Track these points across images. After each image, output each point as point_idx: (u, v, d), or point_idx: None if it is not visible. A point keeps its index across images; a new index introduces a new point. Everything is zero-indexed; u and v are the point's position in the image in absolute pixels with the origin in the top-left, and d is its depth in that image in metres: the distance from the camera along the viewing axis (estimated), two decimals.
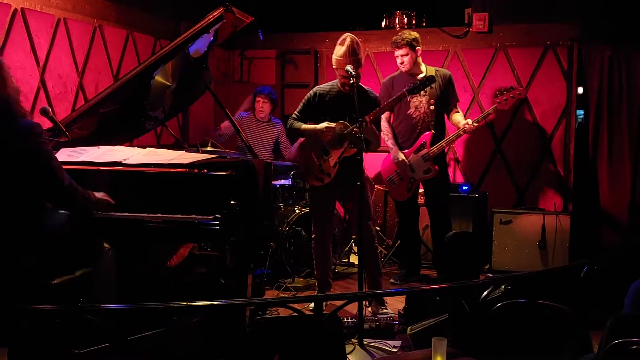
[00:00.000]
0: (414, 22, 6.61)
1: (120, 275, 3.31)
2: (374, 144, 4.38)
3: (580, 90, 6.06)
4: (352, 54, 4.30)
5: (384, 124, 5.27)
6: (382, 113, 4.73)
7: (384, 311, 4.41)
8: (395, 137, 5.31)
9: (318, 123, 4.45)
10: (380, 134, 4.61)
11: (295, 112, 4.66)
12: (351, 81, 4.18)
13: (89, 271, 3.07)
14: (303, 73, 7.07)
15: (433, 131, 5.15)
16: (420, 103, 5.18)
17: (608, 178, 5.90)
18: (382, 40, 6.60)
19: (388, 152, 5.36)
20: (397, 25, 6.58)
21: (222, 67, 7.17)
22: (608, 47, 5.83)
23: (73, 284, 2.95)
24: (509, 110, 6.19)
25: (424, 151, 5.13)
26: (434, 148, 5.10)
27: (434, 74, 4.92)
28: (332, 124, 4.38)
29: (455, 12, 6.43)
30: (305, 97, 4.66)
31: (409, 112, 5.20)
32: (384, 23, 6.70)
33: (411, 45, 5.12)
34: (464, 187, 5.95)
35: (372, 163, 5.86)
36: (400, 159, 5.19)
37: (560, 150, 6.10)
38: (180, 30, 6.14)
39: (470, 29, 6.29)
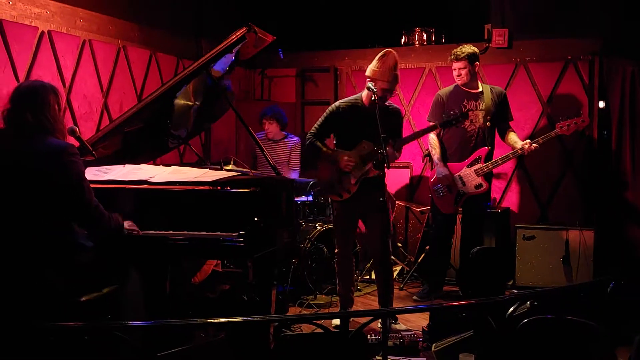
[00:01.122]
0: (433, 38, 6.64)
1: (146, 293, 3.34)
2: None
3: (601, 104, 6.03)
4: (394, 69, 4.33)
5: (432, 136, 5.27)
6: (410, 141, 4.71)
7: (396, 327, 4.39)
8: (443, 151, 5.28)
9: (339, 137, 4.46)
10: (395, 153, 4.60)
11: (315, 126, 4.65)
12: (372, 98, 4.19)
13: (116, 288, 3.11)
14: (323, 90, 7.12)
15: (489, 147, 5.15)
16: (476, 117, 5.17)
17: (632, 192, 5.85)
18: (401, 57, 6.57)
19: (406, 167, 5.37)
20: (417, 42, 6.61)
21: (243, 86, 7.25)
22: (630, 61, 5.80)
23: (100, 301, 2.99)
24: (530, 125, 6.20)
25: (478, 166, 5.11)
26: (489, 164, 5.10)
27: (489, 91, 4.98)
28: (352, 158, 4.39)
29: (474, 28, 6.44)
30: (327, 111, 4.66)
31: (464, 125, 5.17)
32: (403, 40, 6.73)
33: (470, 59, 5.14)
34: (487, 203, 5.92)
35: (393, 179, 5.87)
36: (444, 174, 5.15)
37: (583, 165, 6.06)
38: (201, 48, 6.24)
39: (490, 45, 6.29)
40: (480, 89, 5.23)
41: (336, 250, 4.65)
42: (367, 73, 4.38)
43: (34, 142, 3.01)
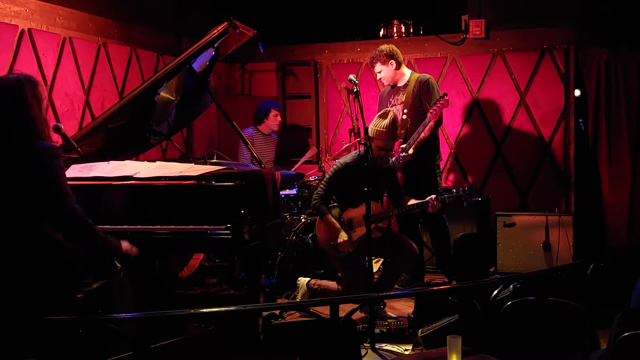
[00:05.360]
0: (411, 30, 6.70)
1: (134, 287, 3.36)
2: None
3: (577, 93, 6.14)
4: (391, 128, 4.35)
5: None
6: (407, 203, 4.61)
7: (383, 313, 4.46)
8: None
9: (346, 194, 4.50)
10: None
11: (322, 187, 4.56)
12: (373, 154, 4.20)
13: (105, 284, 3.11)
14: (303, 84, 7.16)
15: (401, 141, 5.05)
16: (397, 111, 5.08)
17: (609, 179, 5.97)
18: None
19: None
20: (395, 35, 6.66)
21: (224, 81, 7.26)
22: (604, 49, 5.91)
23: (90, 297, 3.00)
24: (508, 114, 6.30)
25: (394, 158, 5.07)
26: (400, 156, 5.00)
27: (413, 81, 5.03)
28: (350, 244, 4.43)
29: (452, 19, 6.52)
30: (333, 171, 4.56)
31: None
32: (381, 32, 6.78)
33: (382, 59, 5.11)
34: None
35: None
36: None
37: (561, 152, 6.17)
38: (181, 44, 6.24)
39: (468, 36, 6.38)
40: (405, 82, 5.17)
41: (340, 289, 4.60)
42: (369, 131, 4.29)
43: (15, 146, 2.86)
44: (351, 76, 4.28)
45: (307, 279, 4.82)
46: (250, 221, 3.49)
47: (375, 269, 5.19)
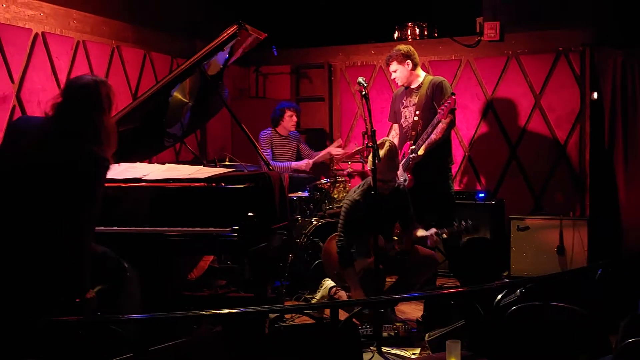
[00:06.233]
0: (425, 32, 6.67)
1: (143, 290, 3.38)
2: None
3: (595, 95, 6.06)
4: (388, 159, 4.28)
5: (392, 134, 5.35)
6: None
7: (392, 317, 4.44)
8: None
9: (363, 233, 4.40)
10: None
11: (340, 227, 4.50)
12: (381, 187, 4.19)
13: (105, 288, 3.10)
14: (317, 87, 7.17)
15: (411, 142, 5.02)
16: (409, 113, 5.10)
17: (625, 182, 5.89)
18: None
19: None
20: (410, 37, 6.64)
21: (239, 84, 7.29)
22: (620, 51, 5.84)
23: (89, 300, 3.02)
24: (522, 117, 6.25)
25: (403, 160, 5.01)
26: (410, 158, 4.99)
27: (427, 83, 4.98)
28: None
29: (466, 21, 6.48)
30: (344, 209, 4.49)
31: (400, 121, 5.22)
32: (396, 35, 6.76)
33: (398, 59, 5.07)
34: (481, 195, 5.97)
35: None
36: None
37: (576, 156, 6.11)
38: (195, 47, 6.28)
39: (482, 38, 6.34)
40: (419, 84, 5.13)
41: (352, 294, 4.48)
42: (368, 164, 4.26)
43: (71, 145, 2.86)
44: (360, 79, 4.26)
45: (332, 284, 4.69)
46: (257, 223, 3.49)
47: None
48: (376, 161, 4.03)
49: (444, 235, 4.38)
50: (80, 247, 2.92)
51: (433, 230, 4.42)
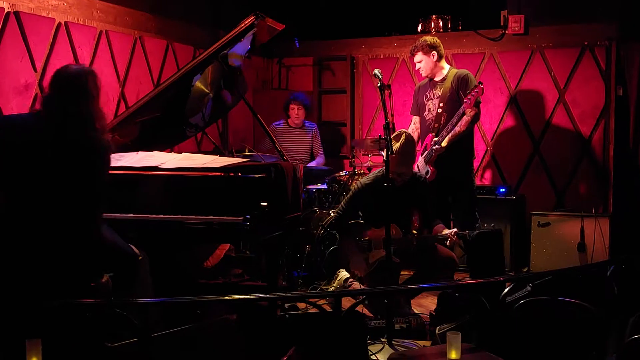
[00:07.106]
0: (449, 25, 6.62)
1: (157, 277, 3.44)
2: None
3: (620, 91, 5.96)
4: (401, 153, 4.28)
5: (411, 127, 5.33)
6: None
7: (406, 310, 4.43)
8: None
9: (371, 212, 4.42)
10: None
11: (341, 206, 4.58)
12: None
13: (112, 276, 3.15)
14: (339, 79, 7.16)
15: (434, 134, 5.03)
16: (434, 106, 5.10)
17: None
18: None
19: None
20: (433, 30, 6.60)
21: (262, 75, 7.32)
22: None
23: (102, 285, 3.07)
24: (546, 112, 6.17)
25: (426, 153, 5.05)
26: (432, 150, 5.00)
27: (451, 76, 4.97)
28: (365, 266, 4.39)
29: (490, 14, 6.41)
30: (352, 191, 4.55)
31: (424, 114, 5.20)
32: (419, 27, 6.71)
33: (424, 50, 5.07)
34: (502, 190, 5.92)
35: None
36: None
37: (600, 151, 6.01)
38: (218, 37, 6.29)
39: (506, 31, 6.26)
40: (443, 76, 5.11)
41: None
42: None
43: (71, 134, 2.96)
44: (376, 71, 4.26)
45: (347, 275, 4.66)
46: (269, 213, 3.52)
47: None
48: (389, 154, 4.01)
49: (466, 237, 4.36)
50: (93, 231, 3.00)
51: (454, 230, 4.40)
